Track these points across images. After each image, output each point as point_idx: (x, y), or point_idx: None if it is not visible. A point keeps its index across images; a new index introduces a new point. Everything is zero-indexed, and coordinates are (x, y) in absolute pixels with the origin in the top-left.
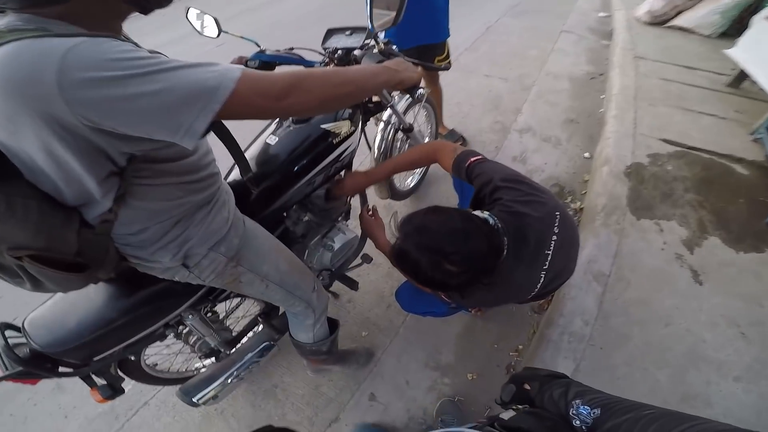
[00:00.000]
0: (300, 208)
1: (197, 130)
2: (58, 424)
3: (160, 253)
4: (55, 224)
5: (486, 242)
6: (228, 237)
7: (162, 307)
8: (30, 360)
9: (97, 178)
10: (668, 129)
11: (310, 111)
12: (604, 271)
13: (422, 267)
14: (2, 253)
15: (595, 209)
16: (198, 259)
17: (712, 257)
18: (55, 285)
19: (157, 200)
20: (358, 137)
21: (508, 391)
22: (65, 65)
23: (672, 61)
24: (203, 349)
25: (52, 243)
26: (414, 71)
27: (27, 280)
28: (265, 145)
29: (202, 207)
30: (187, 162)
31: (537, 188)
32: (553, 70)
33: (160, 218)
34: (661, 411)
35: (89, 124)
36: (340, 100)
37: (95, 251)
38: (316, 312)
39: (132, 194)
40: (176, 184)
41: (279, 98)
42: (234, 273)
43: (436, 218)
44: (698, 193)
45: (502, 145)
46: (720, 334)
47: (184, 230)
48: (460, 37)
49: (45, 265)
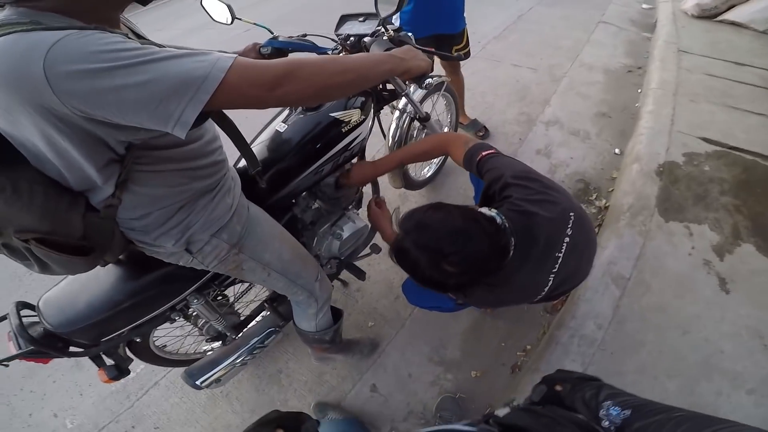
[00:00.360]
0: (309, 195)
1: (187, 120)
2: (73, 401)
3: (163, 238)
4: (60, 208)
5: (488, 243)
6: (230, 224)
7: (167, 290)
8: (42, 339)
9: (97, 165)
10: (709, 127)
11: (307, 100)
12: (624, 274)
13: (421, 266)
14: (10, 236)
15: (621, 208)
16: (200, 245)
17: (744, 265)
18: (61, 268)
19: (160, 186)
20: (369, 126)
21: (539, 392)
22: (51, 58)
23: (719, 56)
24: (210, 333)
25: (57, 226)
26: (423, 60)
27: (34, 263)
28: (275, 133)
29: (206, 193)
30: (190, 149)
31: (550, 186)
32: (587, 61)
33: (163, 204)
34: (690, 413)
35: (82, 115)
36: (340, 88)
37: (100, 235)
38: (318, 302)
39: (134, 180)
40: (178, 170)
41: (272, 87)
42: (236, 260)
43: (437, 216)
44: (736, 197)
45: (527, 137)
46: (740, 346)
47: (187, 216)
48: (488, 25)
49: (51, 249)
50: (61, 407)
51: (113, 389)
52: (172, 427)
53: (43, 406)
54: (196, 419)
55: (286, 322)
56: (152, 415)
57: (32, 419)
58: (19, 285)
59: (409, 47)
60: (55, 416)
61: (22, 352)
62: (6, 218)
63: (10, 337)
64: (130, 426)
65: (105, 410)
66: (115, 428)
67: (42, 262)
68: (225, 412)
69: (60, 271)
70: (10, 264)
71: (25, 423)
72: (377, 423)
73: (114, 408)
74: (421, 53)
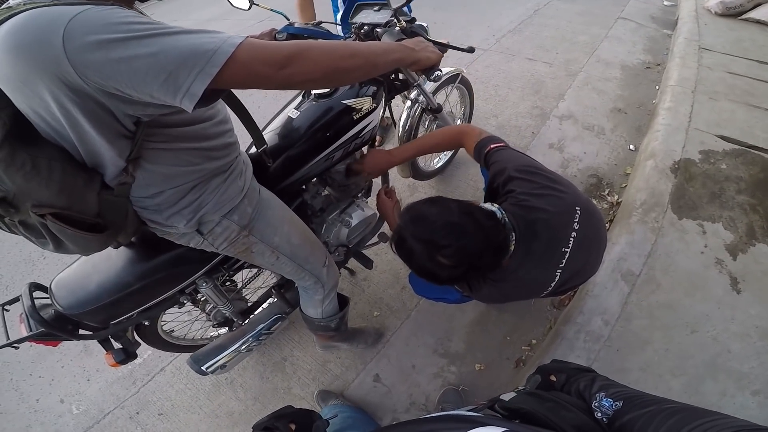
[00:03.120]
0: (319, 182)
1: (195, 92)
2: (80, 386)
3: (175, 218)
4: (77, 184)
5: (483, 238)
6: (242, 206)
7: (177, 273)
8: (52, 321)
9: (107, 138)
10: (728, 125)
11: (315, 82)
12: (633, 271)
13: (416, 256)
14: (27, 211)
15: (634, 204)
16: (211, 226)
17: (757, 265)
18: (75, 245)
19: (172, 165)
20: (380, 115)
21: (533, 382)
22: (71, 29)
23: (742, 54)
24: (218, 318)
25: (73, 202)
26: (432, 52)
27: (50, 240)
28: (288, 119)
29: (218, 175)
30: (201, 128)
31: (555, 180)
32: (605, 57)
33: (176, 183)
34: (681, 405)
35: (95, 86)
36: (348, 73)
37: (114, 213)
38: (325, 287)
39: (146, 158)
40: (190, 149)
41: (281, 66)
42: (246, 242)
43: (434, 209)
44: (752, 196)
45: (539, 131)
46: (749, 346)
47: (199, 196)
48: (505, 18)
49: (66, 224)
50: (68, 392)
51: (120, 375)
52: (176, 414)
53: (51, 392)
54: (200, 406)
55: (293, 308)
56: (157, 401)
57: (39, 404)
58: (32, 269)
59: (419, 38)
60: (61, 402)
61: (32, 334)
62: (25, 193)
63: (21, 319)
64: (134, 411)
65: (111, 396)
66: (120, 414)
67: (56, 240)
68: (229, 399)
69: (74, 249)
70: (24, 248)
71: (32, 408)
72: (379, 413)
73: (120, 394)
74: (431, 45)
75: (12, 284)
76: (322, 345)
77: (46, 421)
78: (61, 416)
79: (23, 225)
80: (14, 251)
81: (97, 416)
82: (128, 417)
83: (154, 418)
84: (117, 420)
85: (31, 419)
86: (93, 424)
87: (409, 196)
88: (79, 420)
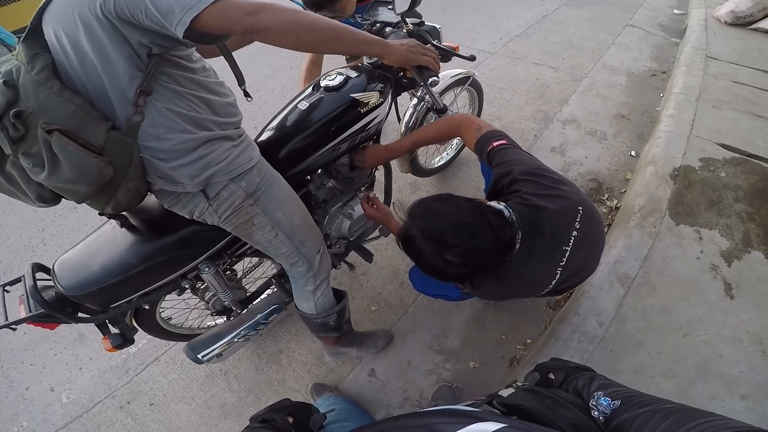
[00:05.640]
0: (324, 173)
1: (185, 22)
2: (72, 374)
3: (182, 169)
4: (92, 114)
5: (493, 238)
6: (251, 173)
7: (181, 256)
8: (53, 303)
9: (124, 59)
10: (729, 134)
11: (277, 32)
12: (629, 274)
13: (424, 254)
14: (35, 133)
15: (632, 209)
16: (218, 189)
17: (751, 272)
18: (73, 168)
19: (181, 108)
20: (387, 109)
21: (532, 379)
22: None
23: (749, 64)
24: (216, 306)
25: (84, 126)
26: (423, 56)
27: (46, 163)
28: (296, 109)
29: (228, 140)
30: (205, 77)
31: (559, 181)
32: (611, 63)
33: (184, 127)
34: (678, 406)
35: (120, 11)
36: (311, 32)
37: (119, 152)
38: (316, 277)
39: (156, 95)
40: (196, 96)
41: (250, 12)
42: (249, 212)
43: (445, 208)
44: (750, 205)
45: (542, 134)
46: (739, 350)
47: (209, 153)
48: (512, 23)
49: (70, 140)
50: (59, 381)
51: (113, 364)
52: (167, 404)
53: (41, 380)
54: (192, 396)
55: (291, 299)
56: (149, 391)
57: (28, 393)
58: (32, 255)
59: (417, 42)
60: (51, 390)
61: (31, 315)
62: (43, 111)
63: (21, 300)
64: (125, 401)
65: (102, 385)
66: (111, 403)
67: (53, 162)
68: (222, 390)
69: (68, 173)
70: (24, 233)
71: (21, 396)
72: (373, 408)
73: (112, 383)
74: (428, 50)
75: (10, 269)
76: (330, 352)
77: (34, 410)
78: (50, 405)
79: (24, 155)
80: (14, 236)
81: (86, 405)
82: (119, 407)
83: (144, 408)
84: (107, 409)
85: (18, 407)
86: (82, 413)
87: (411, 194)
88: (68, 409)
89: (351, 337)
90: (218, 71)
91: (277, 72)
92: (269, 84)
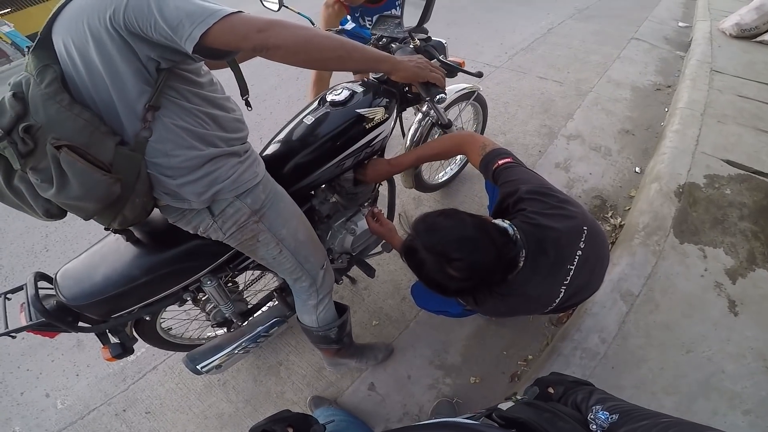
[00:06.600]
0: (328, 188)
1: (195, 36)
2: (69, 381)
3: (188, 186)
4: (100, 129)
5: (495, 255)
6: (256, 190)
7: (183, 269)
8: (54, 312)
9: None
10: (735, 150)
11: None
12: (633, 291)
13: (426, 266)
14: (44, 148)
15: (636, 227)
16: (223, 206)
17: (755, 290)
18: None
19: (189, 123)
20: (392, 125)
21: (531, 393)
22: None
23: (754, 77)
24: (217, 318)
25: (92, 142)
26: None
27: (54, 179)
28: (302, 124)
29: (234, 156)
30: (212, 92)
31: (565, 200)
32: (616, 77)
33: (193, 145)
34: (676, 420)
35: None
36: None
37: (127, 168)
38: (319, 292)
39: (164, 111)
40: (204, 112)
41: (259, 29)
42: (254, 229)
43: (448, 222)
44: (755, 223)
45: (546, 150)
46: (743, 367)
47: (215, 170)
48: (518, 35)
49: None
50: (54, 387)
51: (111, 371)
52: (164, 413)
53: (37, 385)
54: (190, 406)
55: (293, 312)
56: (146, 400)
57: (23, 398)
58: (34, 261)
59: (424, 59)
60: (47, 396)
61: (31, 324)
62: (52, 125)
63: (22, 308)
64: (121, 409)
65: (99, 392)
66: (106, 410)
67: (61, 178)
68: (219, 400)
69: (76, 190)
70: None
71: (15, 401)
72: (372, 422)
73: (108, 390)
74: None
75: (12, 275)
76: (330, 362)
77: (28, 415)
78: (44, 411)
79: (33, 170)
80: (18, 242)
81: (81, 412)
82: (114, 414)
83: (140, 416)
84: (102, 417)
85: (12, 412)
86: (76, 419)
87: (415, 209)
88: (63, 415)
89: (351, 348)
90: (223, 81)
91: (284, 83)
92: (275, 95)
